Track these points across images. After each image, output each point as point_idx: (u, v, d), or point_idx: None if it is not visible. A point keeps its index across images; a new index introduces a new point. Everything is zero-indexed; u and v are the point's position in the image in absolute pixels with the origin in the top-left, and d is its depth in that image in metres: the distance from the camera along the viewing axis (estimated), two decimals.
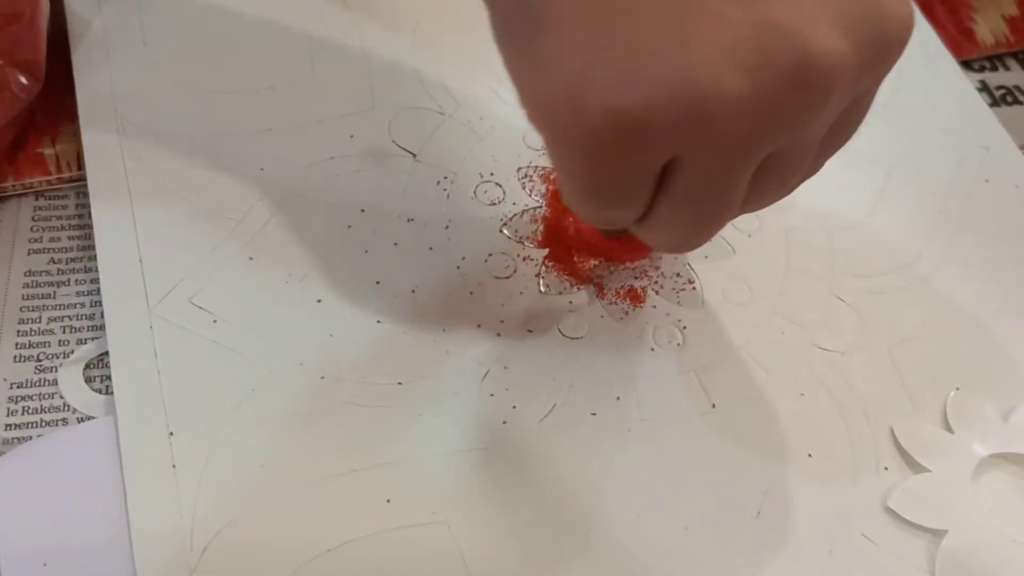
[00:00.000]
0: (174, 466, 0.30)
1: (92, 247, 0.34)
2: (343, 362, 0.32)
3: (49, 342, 0.34)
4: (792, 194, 0.27)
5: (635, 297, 0.35)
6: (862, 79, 0.23)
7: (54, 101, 0.38)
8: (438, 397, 0.32)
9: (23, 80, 0.36)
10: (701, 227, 0.26)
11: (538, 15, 0.23)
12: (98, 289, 0.33)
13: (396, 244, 0.35)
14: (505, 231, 0.36)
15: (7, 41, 0.35)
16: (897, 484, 0.32)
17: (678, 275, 0.35)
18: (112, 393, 0.31)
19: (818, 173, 0.27)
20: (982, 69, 0.47)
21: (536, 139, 0.38)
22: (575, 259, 0.35)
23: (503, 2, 0.25)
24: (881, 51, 0.23)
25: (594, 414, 0.32)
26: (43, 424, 0.32)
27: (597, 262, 0.35)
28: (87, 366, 0.33)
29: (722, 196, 0.25)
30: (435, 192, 0.36)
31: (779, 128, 0.23)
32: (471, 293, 0.34)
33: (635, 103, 0.22)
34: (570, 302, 0.35)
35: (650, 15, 0.22)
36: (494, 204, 0.36)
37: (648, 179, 0.24)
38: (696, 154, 0.23)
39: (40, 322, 0.34)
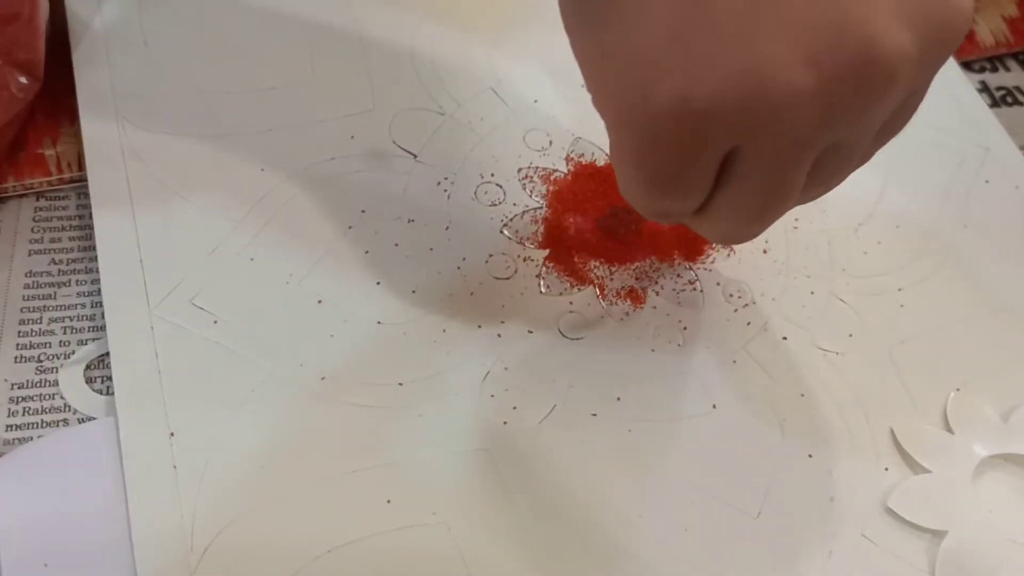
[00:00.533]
0: (175, 467, 0.30)
1: (93, 248, 0.34)
2: (344, 363, 0.32)
3: (50, 343, 0.34)
4: None
5: (635, 298, 0.35)
6: (922, 71, 0.24)
7: (55, 101, 0.38)
8: (438, 398, 0.32)
9: (22, 80, 0.36)
10: (759, 218, 0.27)
11: (613, 6, 0.24)
12: (99, 290, 0.33)
13: (397, 245, 0.35)
14: (506, 232, 0.36)
15: (5, 41, 0.35)
16: (897, 484, 0.32)
17: (678, 276, 0.36)
18: (113, 394, 0.31)
19: None
20: (982, 70, 0.47)
21: (537, 140, 0.38)
22: (575, 260, 0.35)
23: None
24: (942, 42, 0.23)
25: (594, 415, 0.32)
26: (44, 425, 0.32)
27: (598, 263, 0.35)
28: (88, 367, 0.33)
29: (782, 187, 0.25)
30: (436, 193, 0.37)
31: (842, 120, 0.23)
32: (472, 294, 0.34)
33: (703, 92, 0.22)
34: (570, 303, 0.35)
35: (723, 5, 0.22)
36: (495, 205, 0.36)
37: (709, 170, 0.25)
38: (759, 145, 0.24)
39: (41, 323, 0.34)
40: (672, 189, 0.25)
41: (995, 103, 0.45)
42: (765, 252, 0.36)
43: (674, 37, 0.23)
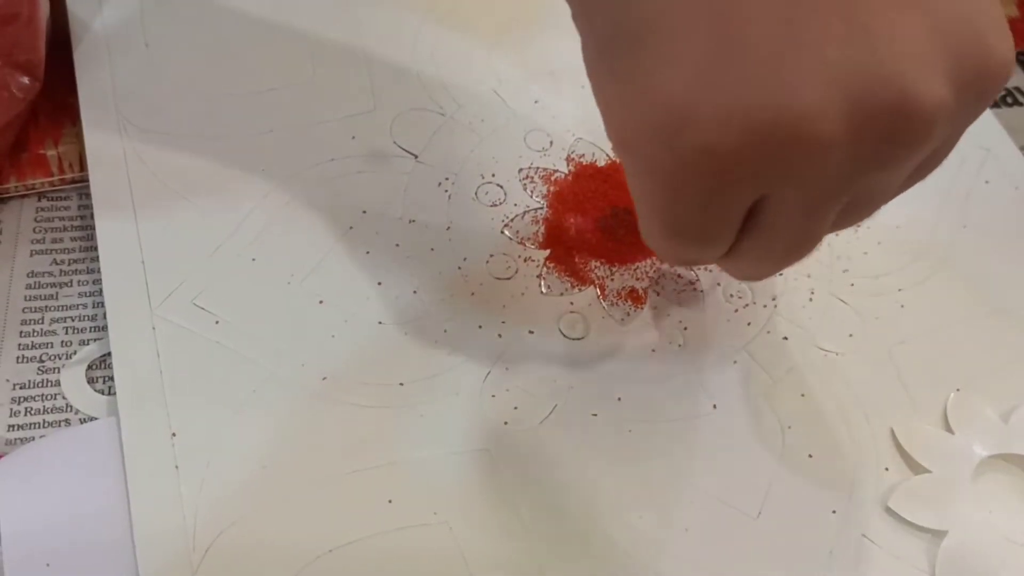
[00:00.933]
0: (176, 467, 0.30)
1: (94, 248, 0.34)
2: (345, 363, 0.32)
3: (52, 343, 0.34)
4: None
5: (636, 298, 0.35)
6: (958, 121, 0.23)
7: (56, 102, 0.38)
8: (439, 398, 0.32)
9: (22, 80, 0.36)
10: (784, 260, 0.26)
11: (637, 42, 0.23)
12: (100, 290, 0.33)
13: (398, 245, 0.35)
14: (506, 232, 0.36)
15: (5, 41, 0.35)
16: (897, 485, 0.32)
17: (679, 276, 0.36)
18: (114, 394, 0.31)
19: None
20: None
21: (537, 140, 0.38)
22: (576, 260, 0.35)
23: (600, 26, 0.24)
24: (980, 93, 0.23)
25: (595, 415, 0.32)
26: (46, 425, 0.32)
27: (598, 263, 0.35)
28: (89, 367, 0.33)
29: (810, 233, 0.24)
30: (436, 193, 0.37)
31: (872, 169, 0.23)
32: (472, 294, 0.34)
33: (730, 141, 0.22)
34: (571, 303, 0.35)
35: (753, 51, 0.21)
36: (495, 205, 0.37)
37: (735, 219, 0.24)
38: (788, 193, 0.23)
39: (43, 323, 0.34)
40: (696, 238, 0.25)
41: (995, 103, 0.45)
42: None
43: (701, 83, 0.22)
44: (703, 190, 0.23)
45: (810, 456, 0.32)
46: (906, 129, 0.21)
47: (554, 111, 0.39)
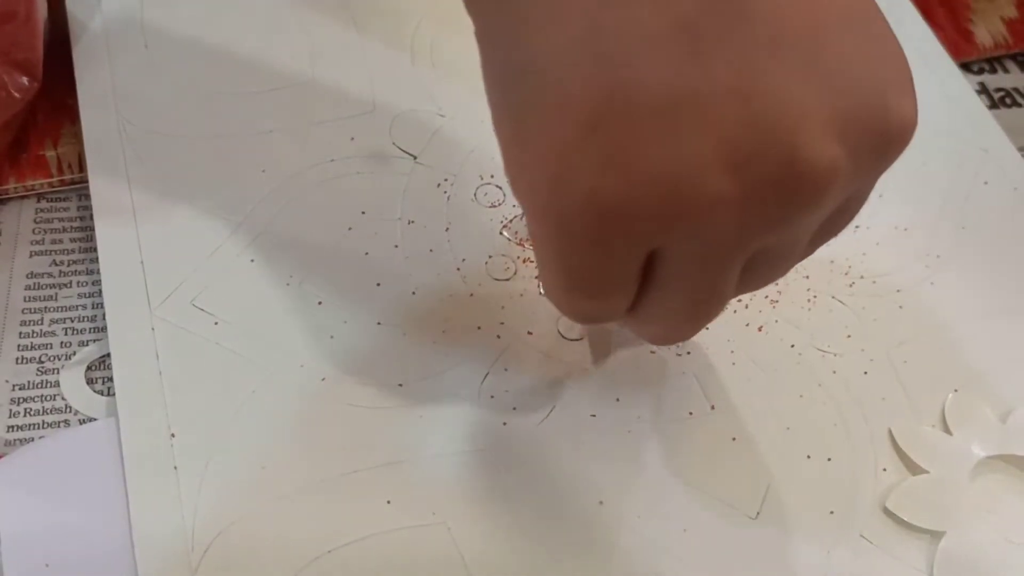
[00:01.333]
0: (175, 467, 0.30)
1: (94, 249, 0.34)
2: (344, 364, 0.32)
3: (51, 344, 0.34)
4: None
5: None
6: (856, 180, 0.22)
7: (55, 103, 0.38)
8: (438, 398, 0.32)
9: (20, 80, 0.36)
10: (691, 320, 0.26)
11: (528, 81, 0.22)
12: (100, 291, 0.33)
13: (396, 246, 0.35)
14: (505, 233, 0.36)
15: (3, 41, 0.35)
16: (896, 485, 0.32)
17: None
18: (114, 395, 0.31)
19: None
20: (981, 71, 0.47)
21: None
22: None
23: (497, 55, 0.24)
24: (878, 154, 0.22)
25: (594, 415, 0.32)
26: (45, 426, 0.32)
27: None
28: (89, 368, 0.33)
29: (709, 291, 0.24)
30: (435, 194, 0.37)
31: (765, 228, 0.22)
32: (471, 295, 0.34)
33: (616, 190, 0.21)
34: None
35: (641, 102, 0.21)
36: (494, 206, 0.37)
37: (631, 270, 0.24)
38: (680, 248, 0.22)
39: (42, 324, 0.34)
40: (593, 291, 0.24)
41: (994, 104, 0.45)
42: None
43: (590, 130, 0.21)
44: (592, 238, 0.22)
45: (808, 457, 0.32)
46: (797, 190, 0.21)
47: None
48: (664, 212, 0.21)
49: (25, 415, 0.32)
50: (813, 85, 0.21)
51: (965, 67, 0.46)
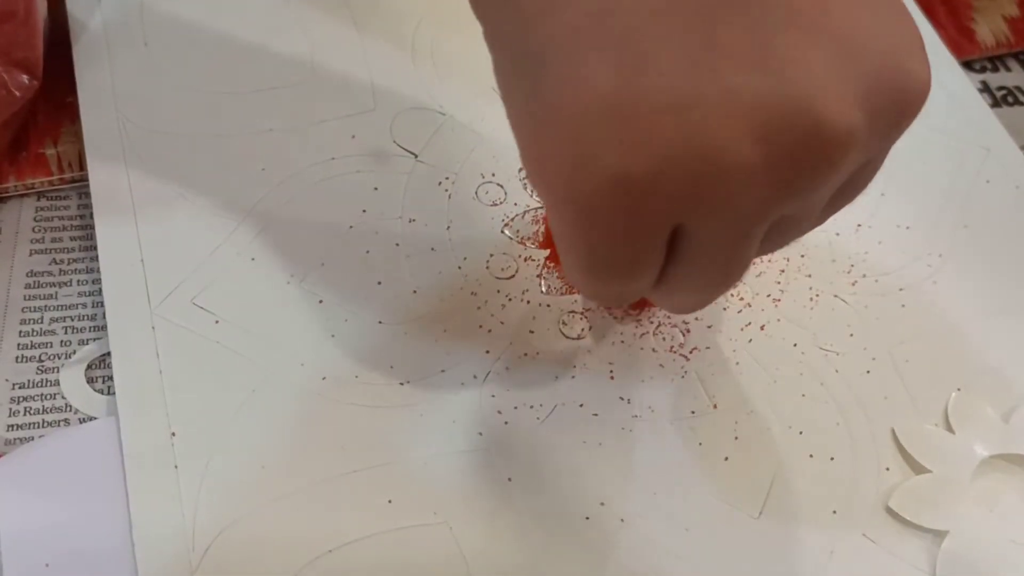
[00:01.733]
0: (176, 466, 0.30)
1: (94, 247, 0.34)
2: (344, 363, 0.32)
3: (51, 343, 0.34)
4: None
5: None
6: (873, 144, 0.23)
7: (55, 101, 0.38)
8: (439, 397, 0.32)
9: (20, 78, 0.36)
10: (714, 289, 0.26)
11: (543, 68, 0.22)
12: (100, 289, 0.33)
13: (397, 245, 0.35)
14: (506, 232, 0.36)
15: (2, 40, 0.35)
16: (898, 484, 0.32)
17: None
18: (114, 393, 0.31)
19: None
20: (983, 70, 0.47)
21: None
22: None
23: (509, 49, 0.24)
24: (896, 118, 0.23)
25: (595, 414, 0.32)
26: (45, 424, 0.32)
27: None
28: (89, 366, 0.33)
29: (733, 262, 0.24)
30: (436, 193, 0.37)
31: (789, 196, 0.22)
32: (472, 293, 0.34)
33: (642, 167, 0.21)
34: (571, 302, 0.35)
35: (662, 76, 0.21)
36: (495, 205, 0.37)
37: (657, 248, 0.24)
38: (706, 221, 0.22)
39: (42, 322, 0.34)
40: (618, 271, 0.24)
41: (996, 103, 0.45)
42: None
43: (611, 109, 0.21)
44: (619, 218, 0.22)
45: (810, 456, 0.32)
46: (820, 155, 0.21)
47: None
48: (692, 187, 0.21)
49: (25, 414, 0.32)
50: (830, 52, 0.21)
51: (967, 66, 0.46)
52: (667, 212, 0.22)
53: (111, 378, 0.32)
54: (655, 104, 0.21)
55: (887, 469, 0.32)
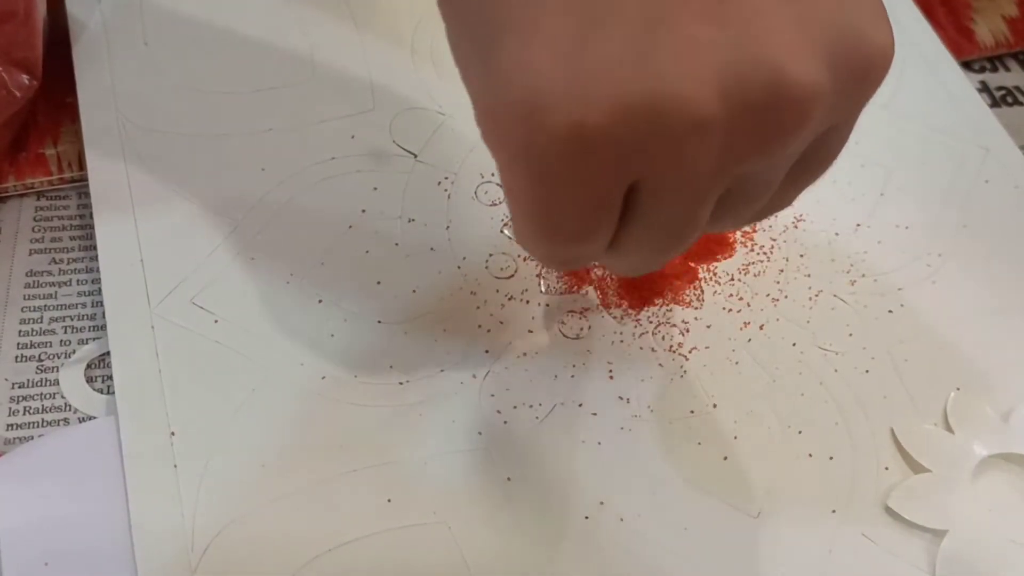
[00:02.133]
0: (175, 466, 0.30)
1: (93, 247, 0.34)
2: (344, 362, 0.32)
3: (50, 342, 0.34)
4: None
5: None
6: (837, 108, 0.22)
7: (55, 101, 0.38)
8: (439, 397, 0.32)
9: (20, 78, 0.36)
10: (666, 250, 0.25)
11: (498, 24, 0.22)
12: (99, 289, 0.33)
13: (397, 244, 0.35)
14: (506, 231, 0.36)
15: (2, 40, 0.35)
16: (897, 484, 0.32)
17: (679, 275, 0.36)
18: (113, 393, 0.31)
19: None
20: (982, 70, 0.47)
21: None
22: None
23: (463, 10, 0.23)
24: (859, 81, 0.22)
25: (595, 414, 0.32)
26: (44, 424, 0.32)
27: (597, 263, 0.35)
28: (88, 366, 0.33)
29: (687, 221, 0.24)
30: (436, 192, 0.37)
31: (749, 153, 0.22)
32: (472, 293, 0.34)
33: (597, 117, 0.20)
34: (571, 302, 0.35)
35: (621, 29, 0.20)
36: (495, 204, 0.37)
37: (609, 208, 0.23)
38: (663, 176, 0.22)
39: (41, 322, 0.34)
40: (570, 232, 0.23)
41: (995, 103, 0.45)
42: (766, 253, 0.37)
43: (567, 62, 0.20)
44: (573, 172, 0.22)
45: (810, 455, 0.32)
46: (782, 110, 0.21)
47: None
48: (649, 138, 0.21)
49: (25, 413, 0.32)
50: (793, 12, 0.21)
51: (966, 66, 0.46)
52: (622, 166, 0.22)
53: (110, 378, 0.32)
54: (611, 54, 0.20)
55: (886, 468, 0.32)
